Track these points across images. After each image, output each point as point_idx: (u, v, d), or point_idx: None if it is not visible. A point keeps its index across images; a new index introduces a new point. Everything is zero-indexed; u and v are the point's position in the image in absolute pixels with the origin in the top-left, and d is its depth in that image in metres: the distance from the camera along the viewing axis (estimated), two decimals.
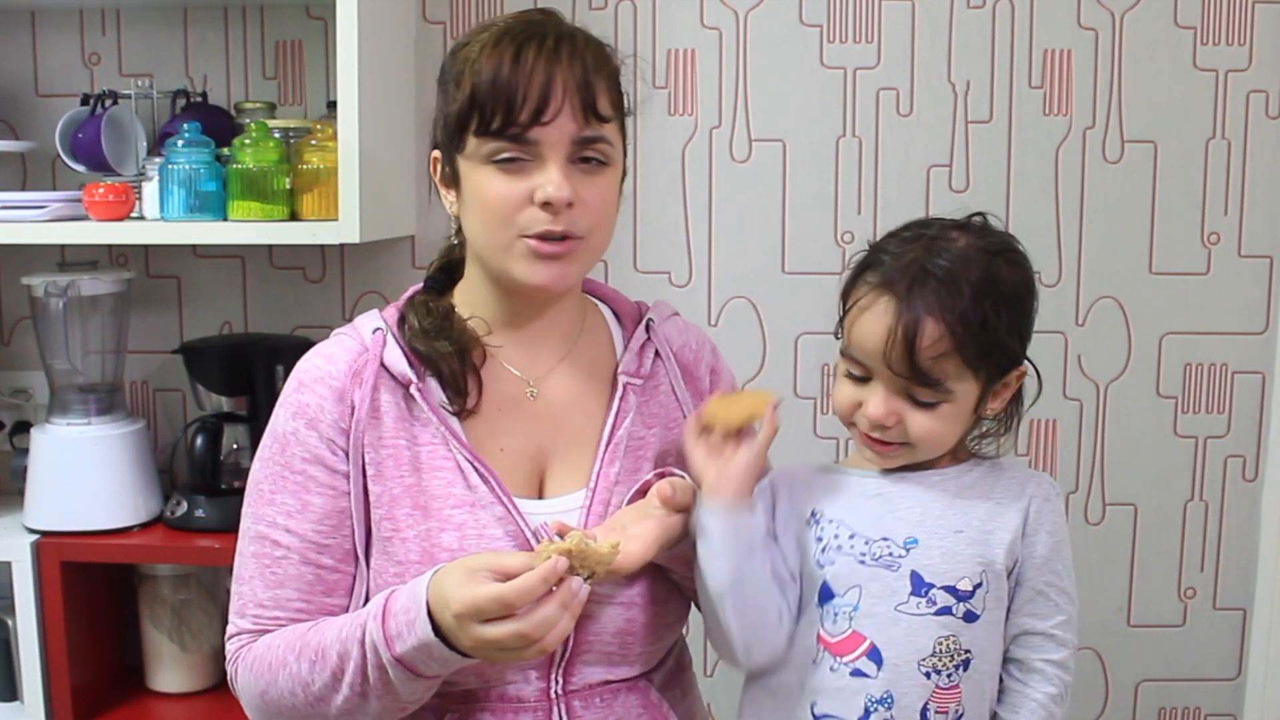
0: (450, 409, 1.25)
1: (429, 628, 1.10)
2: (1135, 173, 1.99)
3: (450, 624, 1.09)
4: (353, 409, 1.23)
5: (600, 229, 1.23)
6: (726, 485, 1.21)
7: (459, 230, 1.29)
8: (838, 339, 1.28)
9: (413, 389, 1.23)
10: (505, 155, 1.18)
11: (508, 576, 1.08)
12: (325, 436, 1.23)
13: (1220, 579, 2.07)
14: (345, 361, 1.25)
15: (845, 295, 1.26)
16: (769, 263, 2.02)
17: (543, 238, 1.19)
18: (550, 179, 1.18)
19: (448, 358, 1.25)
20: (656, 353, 1.35)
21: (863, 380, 1.24)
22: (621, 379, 1.31)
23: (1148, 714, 2.11)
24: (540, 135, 1.17)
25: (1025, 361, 1.26)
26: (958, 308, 1.18)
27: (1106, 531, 2.07)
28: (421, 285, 1.34)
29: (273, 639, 1.22)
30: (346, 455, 1.23)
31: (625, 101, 1.26)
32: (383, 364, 1.24)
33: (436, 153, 1.27)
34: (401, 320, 1.28)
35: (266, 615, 1.23)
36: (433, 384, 1.26)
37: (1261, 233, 2.00)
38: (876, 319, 1.20)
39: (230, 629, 1.26)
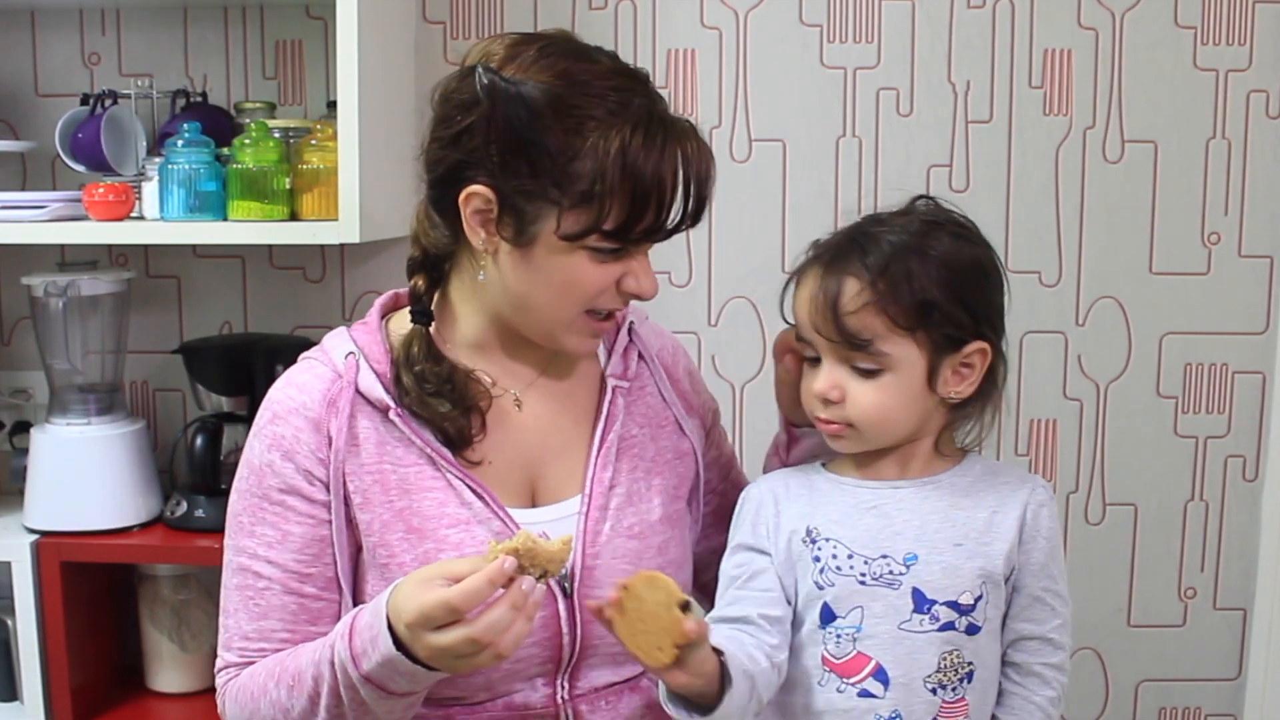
0: (439, 438, 1.23)
1: (390, 642, 1.08)
2: (1135, 173, 1.99)
3: (405, 635, 1.07)
4: (330, 440, 1.20)
5: None
6: (694, 686, 1.12)
7: (464, 254, 1.24)
8: (789, 322, 1.27)
9: (391, 414, 1.21)
10: (613, 249, 1.17)
11: (459, 581, 1.05)
12: (302, 467, 1.21)
13: (1220, 579, 2.07)
14: (319, 390, 1.22)
15: (791, 282, 1.27)
16: (769, 263, 2.02)
17: (608, 317, 1.23)
18: (646, 273, 1.20)
19: (452, 418, 1.22)
20: (640, 355, 1.35)
21: (815, 362, 1.23)
22: (610, 382, 1.31)
23: (1148, 714, 2.11)
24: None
25: (986, 339, 1.21)
26: (878, 263, 1.17)
27: (1106, 531, 2.07)
28: (405, 297, 1.29)
29: (255, 668, 1.21)
30: (325, 486, 1.21)
31: None
32: (358, 390, 1.22)
33: (480, 189, 1.16)
34: (396, 383, 1.23)
35: (252, 647, 1.23)
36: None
37: (1261, 233, 2.00)
38: (805, 288, 1.22)
39: (218, 663, 1.26)
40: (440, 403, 1.21)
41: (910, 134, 1.99)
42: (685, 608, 1.09)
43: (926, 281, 1.17)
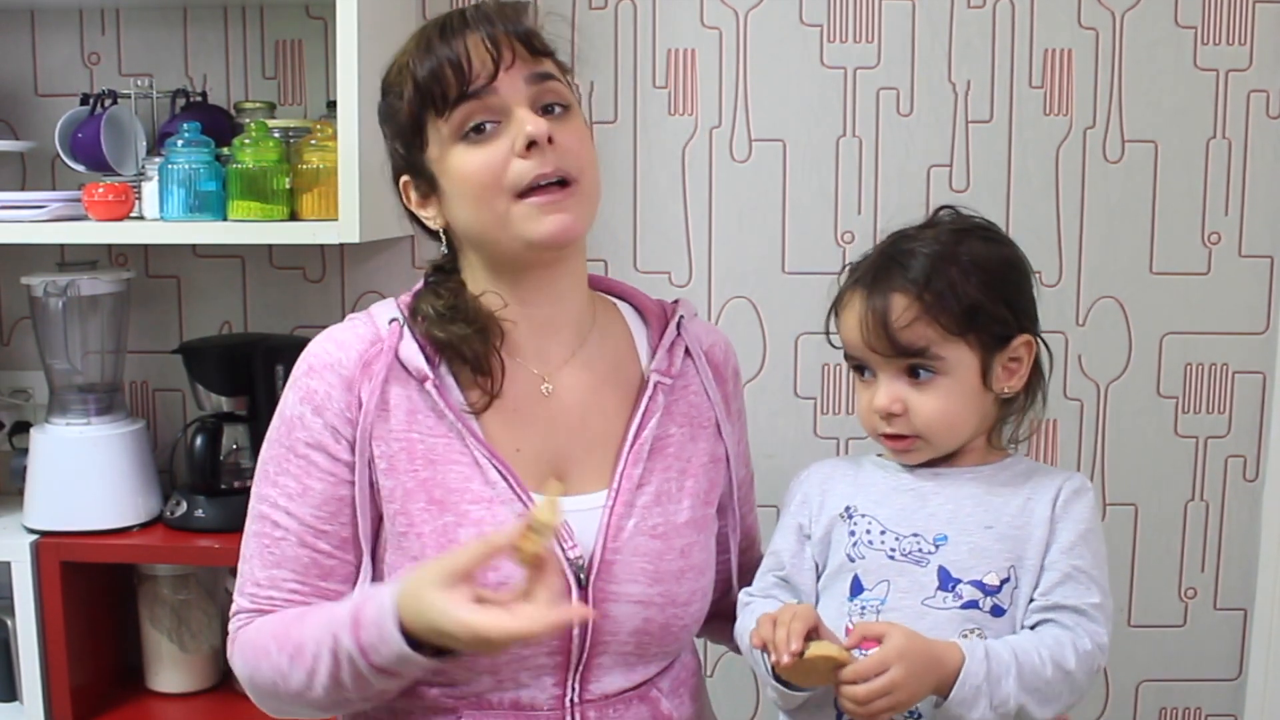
0: (470, 410, 1.23)
1: (403, 644, 1.10)
2: (1135, 173, 1.99)
3: (429, 635, 1.09)
4: (360, 402, 1.22)
5: (589, 170, 1.23)
6: None
7: (447, 242, 1.28)
8: (835, 346, 1.32)
9: (428, 385, 1.22)
10: (474, 121, 1.19)
11: (468, 573, 1.08)
12: (329, 424, 1.22)
13: (1221, 579, 2.07)
14: (357, 350, 1.24)
15: (834, 308, 1.32)
16: (769, 263, 2.02)
17: (537, 188, 1.19)
18: (523, 120, 1.18)
19: (468, 339, 1.23)
20: (686, 351, 1.34)
21: (870, 380, 1.27)
22: (653, 378, 1.30)
23: (1148, 714, 2.11)
24: (496, 85, 1.18)
25: (1029, 333, 1.27)
26: (920, 276, 1.23)
27: (1107, 531, 2.01)
28: (424, 282, 1.32)
29: (263, 623, 1.23)
30: (351, 446, 1.22)
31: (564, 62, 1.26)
32: (397, 357, 1.23)
33: (405, 178, 1.28)
34: (415, 314, 1.26)
35: (262, 595, 1.24)
36: (449, 381, 1.25)
37: (1262, 233, 2.00)
38: (852, 312, 1.26)
39: (233, 607, 1.27)
40: (456, 325, 1.23)
41: (910, 134, 1.99)
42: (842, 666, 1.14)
43: (968, 287, 1.22)
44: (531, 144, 1.17)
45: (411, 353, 1.23)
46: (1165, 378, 2.03)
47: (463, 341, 1.23)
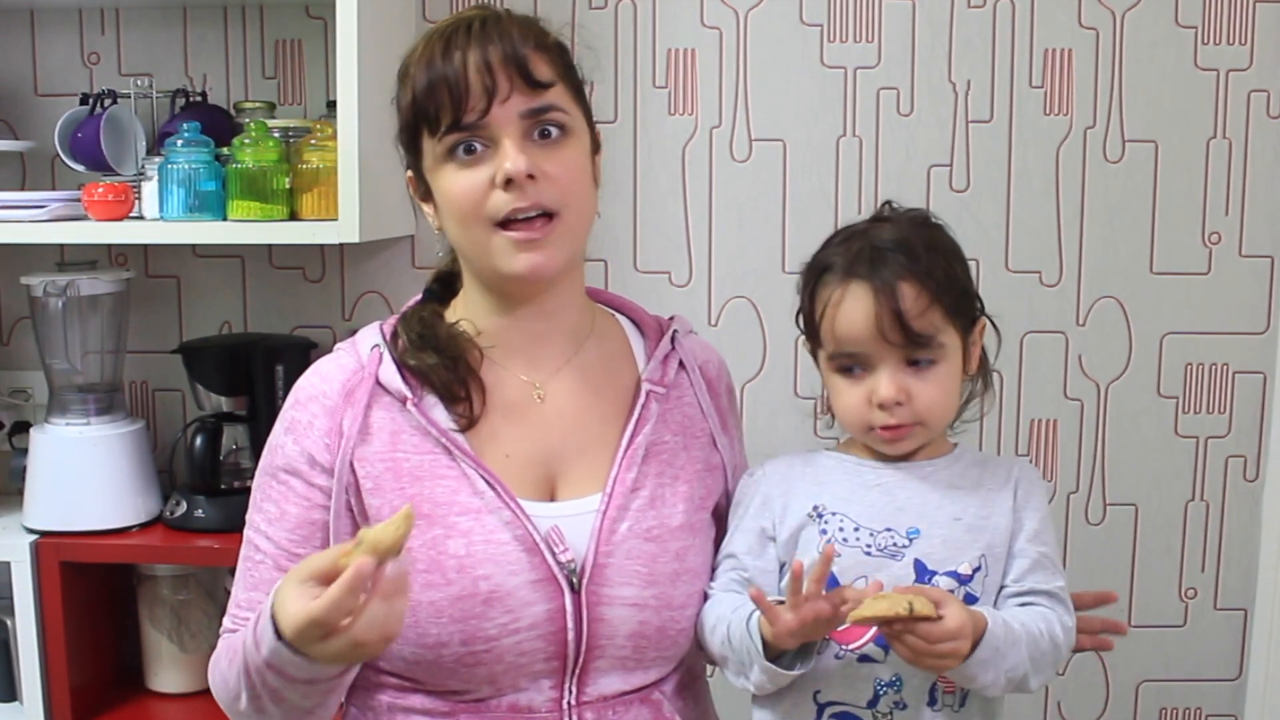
0: (455, 427, 1.24)
1: (271, 631, 1.08)
2: (1136, 173, 1.99)
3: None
4: (341, 430, 1.23)
5: (574, 203, 1.21)
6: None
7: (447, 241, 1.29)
8: (812, 352, 1.32)
9: (409, 404, 1.23)
10: (461, 145, 1.19)
11: (327, 579, 1.04)
12: (306, 451, 1.24)
13: (1221, 579, 2.07)
14: (340, 380, 1.25)
15: (808, 307, 1.30)
16: (769, 263, 2.02)
17: (514, 221, 1.18)
18: (506, 155, 1.17)
19: (436, 369, 1.24)
20: (681, 364, 1.35)
21: (860, 374, 1.27)
22: (645, 386, 1.30)
23: (1148, 714, 2.11)
24: (488, 119, 1.18)
25: (983, 315, 1.32)
26: (921, 265, 1.24)
27: (1107, 531, 2.06)
28: (420, 297, 1.34)
29: (226, 639, 1.25)
30: (330, 472, 1.23)
31: (579, 73, 1.26)
32: (378, 381, 1.24)
33: (409, 172, 1.29)
34: (396, 338, 1.28)
35: (240, 616, 1.25)
36: (433, 399, 1.25)
37: (1262, 233, 2.00)
38: (856, 303, 1.24)
39: (220, 628, 1.29)
40: (428, 354, 1.24)
41: (910, 134, 1.99)
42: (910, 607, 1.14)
43: (955, 272, 1.27)
44: (510, 180, 1.17)
45: (390, 375, 1.24)
46: (1165, 378, 2.03)
47: (432, 370, 1.24)
